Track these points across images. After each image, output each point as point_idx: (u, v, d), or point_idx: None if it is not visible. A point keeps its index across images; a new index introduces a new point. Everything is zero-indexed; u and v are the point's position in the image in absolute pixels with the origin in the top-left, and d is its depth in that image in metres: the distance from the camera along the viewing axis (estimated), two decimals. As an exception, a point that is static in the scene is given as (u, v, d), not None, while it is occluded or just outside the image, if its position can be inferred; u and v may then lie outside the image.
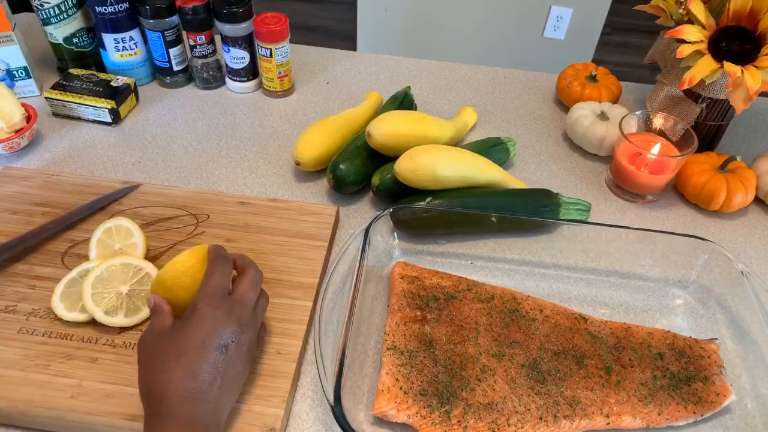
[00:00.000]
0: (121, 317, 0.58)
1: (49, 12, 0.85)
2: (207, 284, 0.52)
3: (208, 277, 0.52)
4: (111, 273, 0.59)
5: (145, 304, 0.59)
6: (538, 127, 0.92)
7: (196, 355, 0.47)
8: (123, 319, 0.58)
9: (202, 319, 0.49)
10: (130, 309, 0.58)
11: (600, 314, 0.65)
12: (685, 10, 0.75)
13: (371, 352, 0.60)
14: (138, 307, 0.59)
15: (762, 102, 0.98)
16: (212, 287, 0.51)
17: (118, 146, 0.83)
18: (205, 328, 0.49)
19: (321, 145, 0.76)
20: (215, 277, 0.52)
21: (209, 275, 0.53)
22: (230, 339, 0.49)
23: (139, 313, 0.59)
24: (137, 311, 0.59)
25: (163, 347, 0.48)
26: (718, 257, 0.65)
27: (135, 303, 0.59)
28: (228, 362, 0.49)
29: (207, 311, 0.49)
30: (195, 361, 0.47)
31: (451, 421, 0.52)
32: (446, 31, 2.17)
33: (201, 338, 0.48)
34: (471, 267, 0.70)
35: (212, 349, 0.48)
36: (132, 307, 0.59)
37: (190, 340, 0.48)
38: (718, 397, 0.56)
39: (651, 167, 0.77)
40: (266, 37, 0.85)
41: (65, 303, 0.58)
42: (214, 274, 0.53)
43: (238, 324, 0.50)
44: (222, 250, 0.55)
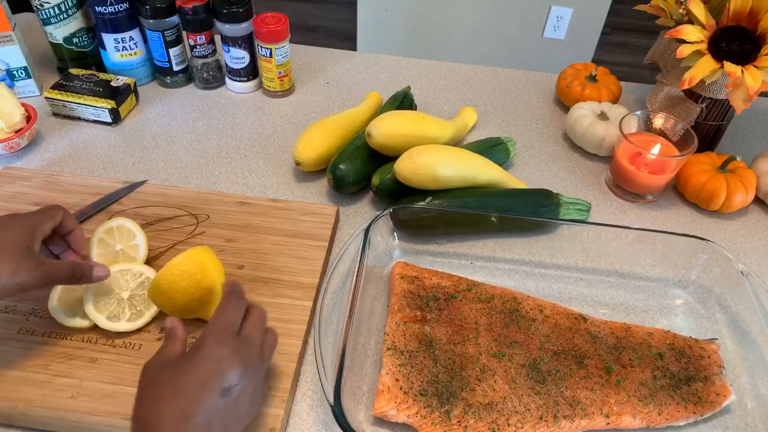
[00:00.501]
0: (124, 322, 0.57)
1: (49, 12, 0.85)
2: (218, 319, 0.49)
3: (220, 312, 0.49)
4: (110, 280, 0.58)
5: (147, 308, 0.59)
6: (538, 127, 0.92)
7: (194, 397, 0.44)
8: (126, 324, 0.57)
9: (207, 357, 0.46)
10: (133, 314, 0.58)
11: (600, 314, 0.65)
12: (685, 10, 0.75)
13: (371, 352, 0.60)
14: (140, 311, 0.58)
15: (762, 102, 0.98)
16: (223, 323, 0.48)
17: (118, 146, 0.83)
18: (208, 366, 0.45)
19: (321, 145, 0.76)
20: (228, 313, 0.49)
21: (221, 310, 0.49)
22: (234, 382, 0.45)
23: (141, 317, 0.58)
24: (140, 315, 0.58)
25: (163, 380, 0.45)
26: (718, 257, 0.65)
27: (137, 308, 0.58)
28: (228, 407, 0.45)
29: (213, 348, 0.46)
30: (191, 403, 0.43)
31: (451, 421, 0.52)
32: (446, 31, 2.17)
33: (202, 377, 0.45)
34: (471, 267, 0.70)
35: (212, 392, 0.44)
36: (134, 312, 0.58)
37: (190, 377, 0.44)
38: (718, 397, 0.56)
39: (651, 167, 0.77)
40: (266, 37, 0.85)
41: (63, 308, 0.58)
42: (227, 309, 0.49)
43: (244, 365, 0.46)
44: (238, 287, 0.52)
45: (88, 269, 0.54)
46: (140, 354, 0.56)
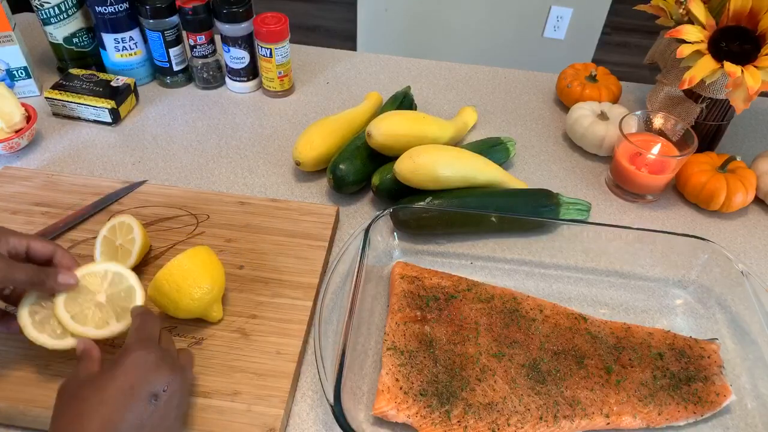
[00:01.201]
0: (115, 324, 0.53)
1: (49, 12, 0.85)
2: (141, 330, 0.48)
3: (141, 324, 0.49)
4: (78, 289, 0.53)
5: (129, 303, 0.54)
6: (538, 127, 0.92)
7: (120, 404, 0.42)
8: (118, 325, 0.53)
9: (134, 363, 0.44)
10: (118, 313, 0.54)
11: (600, 314, 0.65)
12: (685, 10, 0.75)
13: (371, 352, 0.60)
14: (125, 308, 0.54)
15: (762, 102, 0.98)
16: (144, 334, 0.48)
17: (118, 146, 0.83)
18: (136, 372, 0.44)
19: (321, 145, 0.76)
20: (149, 324, 0.49)
21: (142, 323, 0.49)
22: (162, 387, 0.44)
23: (128, 313, 0.54)
24: (125, 313, 0.54)
25: (85, 394, 0.43)
26: (718, 257, 0.65)
27: (120, 305, 0.54)
28: (157, 414, 0.44)
29: (139, 355, 0.45)
30: (118, 411, 0.42)
31: (451, 421, 0.52)
32: (446, 31, 2.17)
33: (129, 384, 0.43)
34: (471, 267, 0.70)
35: (140, 398, 0.43)
36: (119, 311, 0.54)
37: (116, 384, 0.43)
38: (718, 397, 0.56)
39: (651, 167, 0.77)
40: (266, 37, 0.85)
41: (44, 333, 0.52)
42: (147, 322, 0.49)
43: (171, 371, 0.46)
44: (148, 309, 0.52)
45: (51, 273, 0.51)
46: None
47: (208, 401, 0.53)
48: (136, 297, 0.55)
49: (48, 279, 0.51)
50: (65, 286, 0.52)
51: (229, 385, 0.55)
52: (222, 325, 0.59)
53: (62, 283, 0.51)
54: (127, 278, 0.55)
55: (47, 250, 0.53)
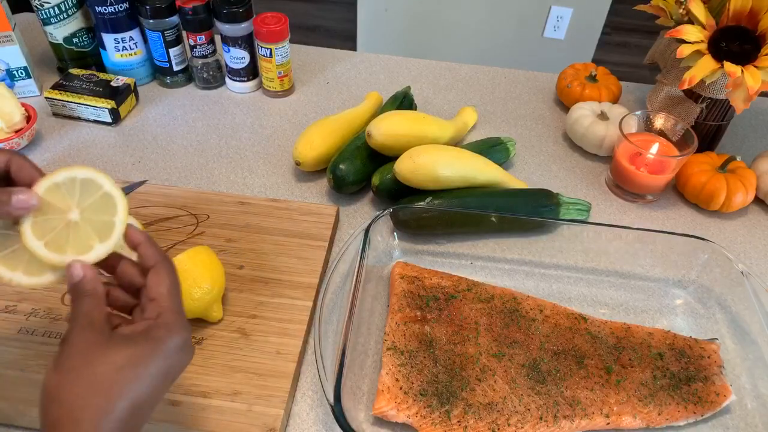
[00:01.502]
0: (98, 245, 0.42)
1: (49, 12, 0.85)
2: (177, 296, 0.42)
3: (175, 286, 0.42)
4: (44, 208, 0.41)
5: (110, 216, 0.43)
6: (538, 127, 0.92)
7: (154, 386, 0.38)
8: (102, 246, 0.42)
9: (178, 347, 0.40)
10: (100, 230, 0.42)
11: (600, 314, 0.65)
12: (685, 10, 0.75)
13: (371, 352, 0.60)
14: (107, 222, 0.42)
15: (762, 102, 0.98)
16: (180, 301, 0.42)
17: (118, 146, 0.83)
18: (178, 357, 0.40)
19: (321, 145, 0.76)
20: (178, 284, 0.43)
21: (175, 283, 0.42)
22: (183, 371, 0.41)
23: (111, 228, 0.42)
24: (108, 228, 0.42)
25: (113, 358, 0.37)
26: (718, 257, 0.65)
27: (99, 220, 0.42)
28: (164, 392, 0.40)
29: (183, 338, 0.40)
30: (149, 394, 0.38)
31: (451, 421, 0.52)
32: (446, 31, 2.17)
33: (168, 367, 0.39)
34: (471, 267, 0.70)
35: (169, 383, 0.40)
36: (100, 227, 0.42)
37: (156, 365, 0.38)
38: (718, 397, 0.56)
39: (651, 167, 0.77)
40: (266, 37, 0.85)
41: (17, 270, 0.42)
42: (176, 280, 0.43)
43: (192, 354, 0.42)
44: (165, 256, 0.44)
45: (2, 194, 0.39)
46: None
47: (208, 401, 0.53)
48: (118, 206, 0.43)
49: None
50: (23, 209, 0.40)
51: (229, 385, 0.55)
52: (222, 325, 0.59)
53: (18, 206, 0.39)
54: (100, 184, 0.43)
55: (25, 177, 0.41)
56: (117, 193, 0.43)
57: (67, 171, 0.42)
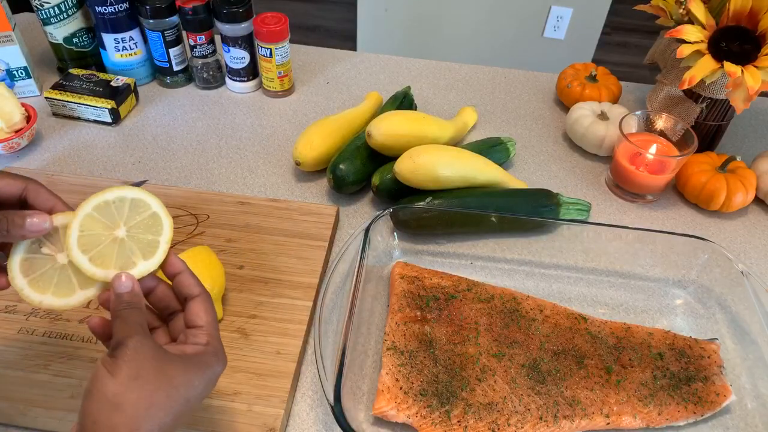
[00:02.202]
0: (142, 262, 0.43)
1: (49, 12, 0.85)
2: (217, 333, 0.43)
3: (216, 325, 0.43)
4: (91, 223, 0.42)
5: (156, 235, 0.43)
6: (538, 127, 0.92)
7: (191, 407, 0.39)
8: (146, 264, 0.43)
9: (211, 380, 0.41)
10: (144, 249, 0.43)
11: (600, 314, 0.65)
12: (685, 10, 0.75)
13: (371, 352, 0.60)
14: (152, 242, 0.43)
15: (762, 102, 0.98)
16: (220, 338, 0.43)
17: (118, 146, 0.83)
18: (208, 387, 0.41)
19: (321, 145, 0.76)
20: (217, 322, 0.44)
21: (215, 321, 0.43)
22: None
23: (156, 247, 0.43)
24: (153, 247, 0.43)
25: (168, 372, 0.38)
26: (718, 257, 0.65)
27: (145, 239, 0.43)
28: None
29: (218, 372, 0.42)
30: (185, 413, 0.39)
31: (451, 421, 0.52)
32: (446, 31, 2.17)
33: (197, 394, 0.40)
34: (471, 267, 0.70)
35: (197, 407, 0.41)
36: (145, 245, 0.43)
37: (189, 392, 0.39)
38: (718, 397, 0.56)
39: (651, 167, 0.77)
40: (266, 37, 0.85)
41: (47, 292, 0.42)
42: (216, 318, 0.44)
43: None
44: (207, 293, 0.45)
45: (16, 217, 0.40)
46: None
47: (208, 401, 0.53)
48: (164, 227, 0.44)
49: (11, 225, 0.40)
50: (36, 232, 0.41)
51: (229, 385, 0.55)
52: (222, 325, 0.59)
53: (31, 229, 0.40)
54: (149, 204, 0.44)
55: (14, 189, 0.42)
56: (164, 214, 0.44)
57: (119, 190, 0.43)
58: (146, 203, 0.44)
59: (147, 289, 0.44)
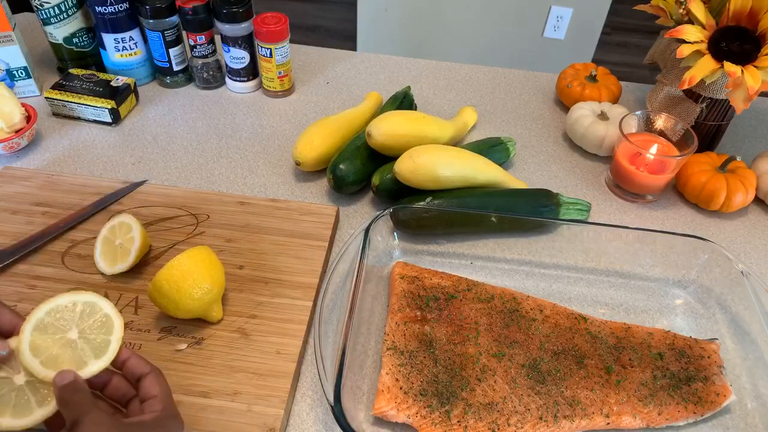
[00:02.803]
0: (93, 362, 0.44)
1: (49, 12, 0.85)
2: (171, 401, 0.46)
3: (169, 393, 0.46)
4: (44, 328, 0.44)
5: (108, 335, 0.45)
6: (538, 127, 0.92)
7: None
8: (97, 363, 0.44)
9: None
10: (96, 348, 0.45)
11: (600, 314, 0.65)
12: (685, 10, 0.75)
13: (371, 352, 0.60)
14: (104, 341, 0.45)
15: (762, 102, 0.98)
16: (174, 405, 0.46)
17: (118, 146, 0.83)
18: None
19: (321, 145, 0.76)
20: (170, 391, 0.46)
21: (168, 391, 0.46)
22: None
23: (107, 347, 0.45)
24: (104, 347, 0.45)
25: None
26: (718, 257, 0.65)
27: (96, 340, 0.45)
28: None
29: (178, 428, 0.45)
30: None
31: (451, 421, 0.52)
32: (446, 32, 2.17)
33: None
34: (471, 267, 0.70)
35: None
36: (96, 345, 0.45)
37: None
38: (718, 397, 0.56)
39: (651, 167, 0.77)
40: (266, 37, 0.85)
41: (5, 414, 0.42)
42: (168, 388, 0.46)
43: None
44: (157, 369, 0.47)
45: None
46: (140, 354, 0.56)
47: (208, 401, 0.53)
48: (115, 326, 0.46)
49: None
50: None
51: (229, 385, 0.55)
52: (222, 325, 0.59)
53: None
54: (100, 306, 0.46)
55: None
56: (115, 315, 0.46)
57: (71, 295, 0.45)
58: (98, 306, 0.46)
59: (102, 382, 0.46)
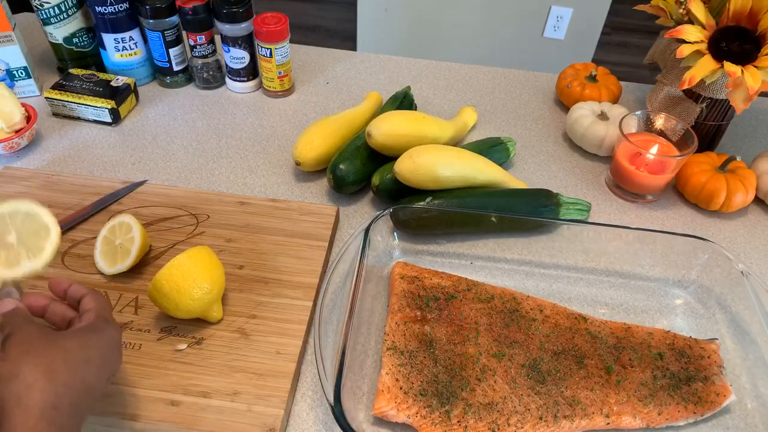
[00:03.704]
0: (26, 262, 0.48)
1: (49, 12, 0.85)
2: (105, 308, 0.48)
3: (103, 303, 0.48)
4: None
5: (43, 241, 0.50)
6: (538, 127, 0.92)
7: (97, 371, 0.43)
8: (30, 263, 0.49)
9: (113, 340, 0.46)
10: (30, 250, 0.49)
11: (600, 314, 0.65)
12: (685, 10, 0.75)
13: (371, 352, 0.60)
14: (39, 246, 0.50)
15: (762, 102, 0.98)
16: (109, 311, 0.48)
17: (118, 146, 0.83)
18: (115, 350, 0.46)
19: (321, 145, 0.76)
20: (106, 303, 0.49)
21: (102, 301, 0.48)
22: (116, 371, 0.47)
23: (43, 251, 0.49)
24: (39, 251, 0.49)
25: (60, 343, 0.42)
26: (718, 257, 0.65)
27: (32, 243, 0.49)
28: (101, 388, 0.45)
29: (116, 333, 0.46)
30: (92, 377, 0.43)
31: (451, 421, 0.52)
32: (446, 31, 2.17)
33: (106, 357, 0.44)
34: (471, 267, 0.70)
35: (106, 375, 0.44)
36: (31, 248, 0.49)
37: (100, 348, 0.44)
38: (718, 397, 0.56)
39: (651, 167, 0.77)
40: (266, 37, 0.85)
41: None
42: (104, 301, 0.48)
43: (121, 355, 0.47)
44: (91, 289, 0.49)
45: None
46: (140, 354, 0.56)
47: (208, 401, 0.53)
48: (51, 235, 0.50)
49: None
50: None
51: (229, 385, 0.55)
52: (222, 325, 0.59)
53: None
54: (40, 215, 0.51)
55: None
56: (53, 224, 0.51)
57: (14, 203, 0.50)
58: (38, 215, 0.51)
59: (40, 306, 0.47)
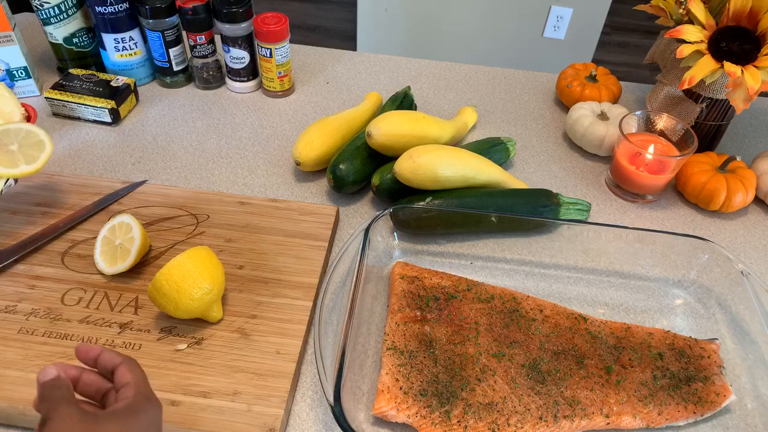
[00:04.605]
0: (24, 166, 0.62)
1: (49, 12, 0.85)
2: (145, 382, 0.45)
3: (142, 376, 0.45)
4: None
5: (39, 152, 0.63)
6: (538, 127, 0.92)
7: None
8: (27, 167, 0.62)
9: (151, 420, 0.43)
10: (28, 156, 0.63)
11: (600, 314, 0.65)
12: (685, 10, 0.75)
13: (371, 352, 0.60)
14: (34, 156, 0.63)
15: (762, 102, 0.98)
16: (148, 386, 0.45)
17: (118, 146, 0.83)
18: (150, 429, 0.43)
19: (321, 145, 0.76)
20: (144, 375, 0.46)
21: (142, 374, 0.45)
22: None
23: (37, 159, 0.63)
24: (34, 158, 0.63)
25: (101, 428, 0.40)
26: (718, 257, 0.65)
27: (29, 153, 0.63)
28: None
29: (156, 414, 0.44)
30: None
31: (451, 421, 0.52)
32: (446, 31, 2.17)
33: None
34: (471, 267, 0.70)
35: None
36: (28, 155, 0.63)
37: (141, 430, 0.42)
38: (718, 397, 0.56)
39: (651, 167, 0.77)
40: (266, 37, 0.85)
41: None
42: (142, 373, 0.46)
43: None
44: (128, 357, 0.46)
45: None
46: (140, 354, 0.56)
47: (208, 401, 0.53)
48: (46, 148, 0.64)
49: None
50: None
51: (229, 385, 0.55)
52: (222, 325, 0.59)
53: None
54: (38, 134, 0.64)
55: None
56: (48, 140, 0.64)
57: (18, 124, 0.64)
58: (36, 133, 0.64)
59: (72, 377, 0.45)
